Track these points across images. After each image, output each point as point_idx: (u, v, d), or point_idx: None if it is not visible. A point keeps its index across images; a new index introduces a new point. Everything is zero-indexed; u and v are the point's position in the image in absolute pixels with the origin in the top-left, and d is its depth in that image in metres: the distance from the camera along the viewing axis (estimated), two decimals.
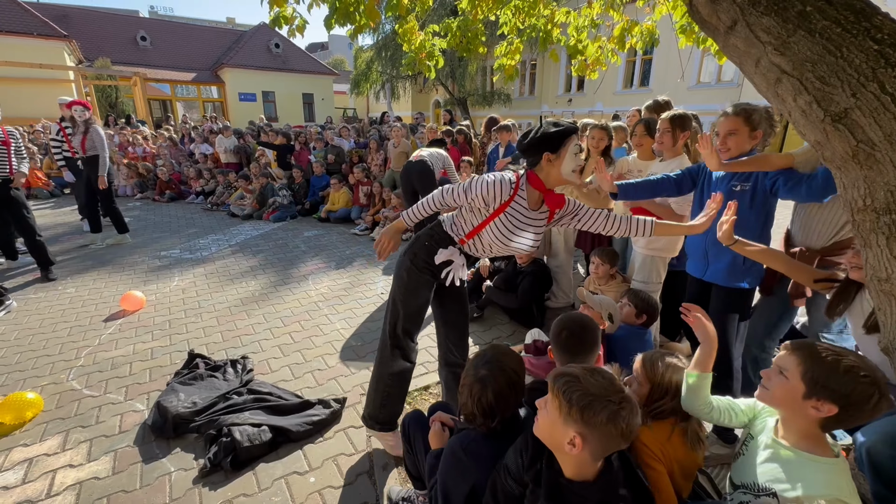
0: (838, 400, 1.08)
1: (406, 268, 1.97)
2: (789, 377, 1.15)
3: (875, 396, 1.05)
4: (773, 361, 1.23)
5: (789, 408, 1.18)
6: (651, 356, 1.57)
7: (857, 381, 1.06)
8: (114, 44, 22.19)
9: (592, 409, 1.02)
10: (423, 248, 1.95)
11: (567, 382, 1.07)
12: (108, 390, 2.62)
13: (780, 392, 1.18)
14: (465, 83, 19.85)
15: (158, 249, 5.44)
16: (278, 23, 2.67)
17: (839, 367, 1.08)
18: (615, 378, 1.12)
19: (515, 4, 3.53)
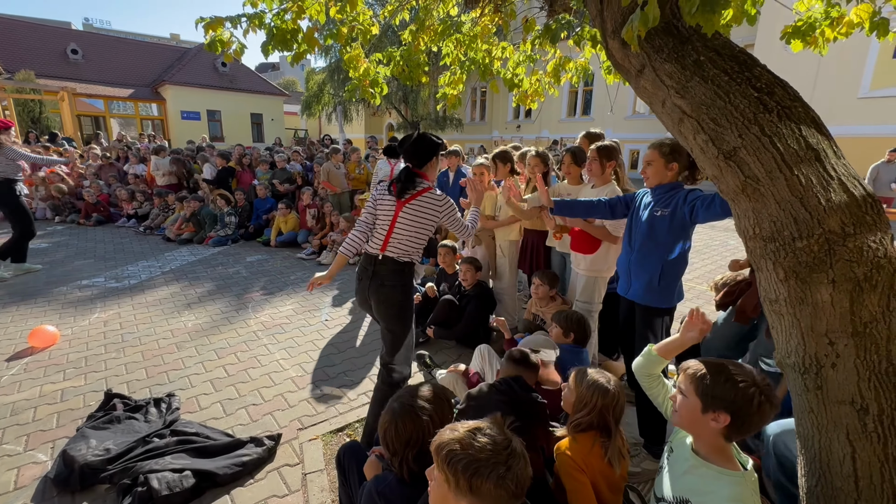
0: (728, 407, 1.17)
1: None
2: (688, 395, 1.25)
3: (757, 398, 1.15)
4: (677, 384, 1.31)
5: (695, 424, 1.25)
6: (583, 372, 1.67)
7: (737, 387, 1.16)
8: (40, 56, 20.66)
9: (480, 475, 1.01)
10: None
11: (450, 454, 1.05)
12: (5, 440, 2.32)
13: (684, 412, 1.26)
14: (417, 107, 20.22)
15: (80, 278, 4.99)
16: (215, 47, 2.61)
17: (722, 377, 1.19)
18: (497, 431, 1.11)
19: (457, 37, 3.68)
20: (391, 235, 2.15)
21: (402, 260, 2.17)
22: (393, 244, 2.15)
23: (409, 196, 2.14)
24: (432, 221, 2.18)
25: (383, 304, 2.17)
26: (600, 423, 1.58)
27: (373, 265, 2.18)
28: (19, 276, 5.03)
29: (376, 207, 2.24)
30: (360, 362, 3.23)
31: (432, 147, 2.21)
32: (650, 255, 2.16)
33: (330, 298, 4.51)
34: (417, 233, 2.15)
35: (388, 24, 3.76)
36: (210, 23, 2.61)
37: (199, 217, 6.93)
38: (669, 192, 2.13)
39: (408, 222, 2.14)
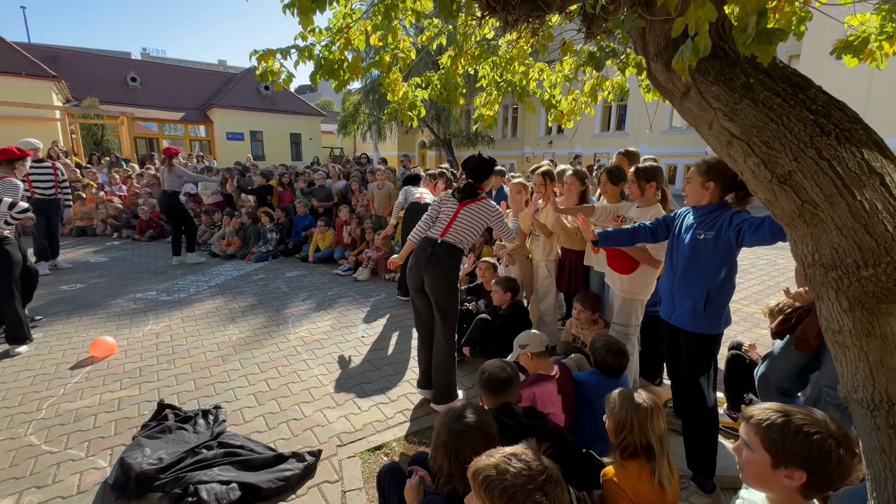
0: (803, 464, 1.02)
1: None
2: (754, 449, 1.09)
3: (835, 452, 1.00)
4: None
5: (766, 482, 1.10)
6: (615, 393, 1.63)
7: (811, 440, 1.01)
8: (104, 84, 22.47)
9: (516, 501, 1.03)
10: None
11: (486, 479, 1.07)
12: (69, 445, 2.48)
13: (751, 469, 1.11)
14: (449, 125, 20.53)
15: (134, 291, 5.31)
16: (266, 77, 2.78)
17: (791, 427, 1.04)
18: (533, 456, 1.12)
19: (493, 60, 3.76)
20: (451, 226, 2.79)
21: (457, 246, 2.78)
22: (451, 233, 2.78)
23: (469, 201, 2.81)
24: (484, 222, 2.83)
25: (437, 279, 2.72)
26: (643, 443, 1.53)
27: (432, 246, 2.77)
28: (77, 289, 5.41)
29: (440, 208, 2.90)
30: (395, 380, 3.26)
31: (490, 167, 2.95)
32: (694, 280, 2.09)
33: (365, 315, 4.60)
34: (471, 228, 2.81)
35: (425, 48, 3.90)
36: (263, 55, 2.78)
37: (245, 232, 7.27)
38: (713, 213, 2.07)
39: (465, 219, 2.80)
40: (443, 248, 2.74)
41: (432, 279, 2.72)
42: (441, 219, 2.84)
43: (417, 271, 2.79)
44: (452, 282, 2.78)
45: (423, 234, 2.86)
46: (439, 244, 2.75)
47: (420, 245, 2.85)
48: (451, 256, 2.75)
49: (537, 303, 3.59)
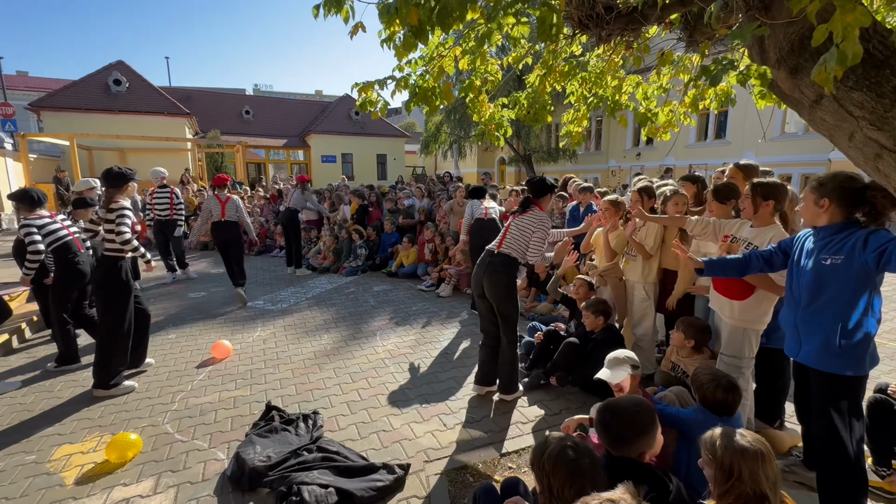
0: None
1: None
2: None
3: None
4: None
5: None
6: (714, 436, 1.45)
7: None
8: (224, 118, 25.94)
9: None
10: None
11: None
12: (196, 436, 2.83)
13: None
14: (530, 141, 20.38)
15: (246, 300, 5.95)
16: (365, 107, 3.02)
17: None
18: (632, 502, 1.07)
19: (582, 76, 3.68)
20: (505, 238, 3.11)
21: (512, 256, 3.07)
22: (506, 244, 3.09)
23: (520, 213, 3.13)
24: (530, 231, 3.07)
25: (494, 286, 3.04)
26: (756, 493, 1.34)
27: (490, 256, 3.11)
28: (202, 297, 6.20)
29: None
30: (481, 399, 3.24)
31: (547, 187, 3.21)
32: (823, 311, 1.81)
33: (448, 331, 4.67)
34: (522, 238, 3.08)
35: (511, 69, 3.94)
36: (363, 86, 3.01)
37: (339, 248, 7.84)
38: (839, 234, 1.79)
39: (516, 230, 3.10)
40: (499, 259, 3.07)
41: (490, 287, 3.06)
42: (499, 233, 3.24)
43: (478, 280, 3.15)
44: (510, 288, 3.08)
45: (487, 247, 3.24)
46: (496, 255, 3.09)
47: (481, 256, 3.20)
48: (507, 265, 3.06)
49: (632, 327, 3.38)
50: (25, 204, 3.75)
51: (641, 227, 3.24)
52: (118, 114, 18.40)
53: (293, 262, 7.64)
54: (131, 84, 19.62)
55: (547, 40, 1.89)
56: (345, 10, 2.53)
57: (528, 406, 3.12)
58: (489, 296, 3.09)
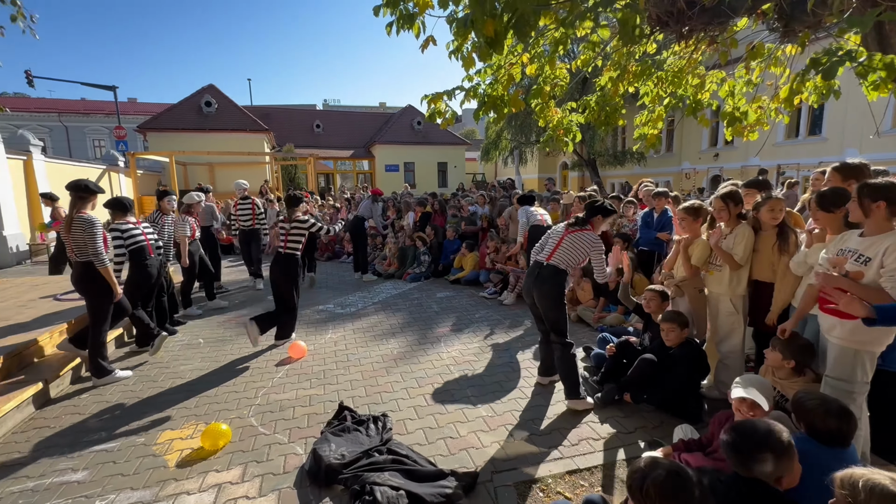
0: None
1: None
2: None
3: None
4: None
5: None
6: (850, 473, 1.26)
7: None
8: (297, 132, 27.83)
9: None
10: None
11: None
12: (277, 430, 3.02)
13: None
14: (594, 144, 19.67)
15: (317, 304, 6.31)
16: (433, 118, 3.09)
17: None
18: None
19: (658, 76, 3.50)
20: (556, 251, 3.19)
21: (560, 267, 3.17)
22: (556, 257, 3.18)
23: (575, 230, 3.20)
24: (584, 251, 3.16)
25: (543, 297, 3.19)
26: None
27: (539, 268, 3.23)
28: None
29: (550, 235, 3.34)
30: (547, 411, 3.16)
31: (603, 211, 3.24)
32: None
33: (512, 340, 4.61)
34: (573, 253, 3.18)
35: (581, 73, 3.82)
36: (432, 98, 3.09)
37: (403, 254, 8.06)
38: None
39: (568, 245, 3.18)
40: (547, 270, 3.17)
41: (540, 297, 3.21)
42: (549, 245, 3.29)
43: (528, 290, 3.31)
44: (558, 297, 3.19)
45: (534, 258, 3.36)
46: (545, 266, 3.19)
47: (530, 267, 3.36)
48: (555, 276, 3.16)
49: (717, 343, 3.12)
50: (118, 210, 4.27)
51: (728, 234, 2.98)
52: (208, 132, 20.41)
53: (360, 268, 7.98)
54: (219, 105, 21.69)
55: (630, 42, 1.82)
56: (416, 26, 2.62)
57: (601, 423, 2.98)
58: (539, 305, 3.25)
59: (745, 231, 2.93)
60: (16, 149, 10.61)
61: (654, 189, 5.53)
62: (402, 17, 2.59)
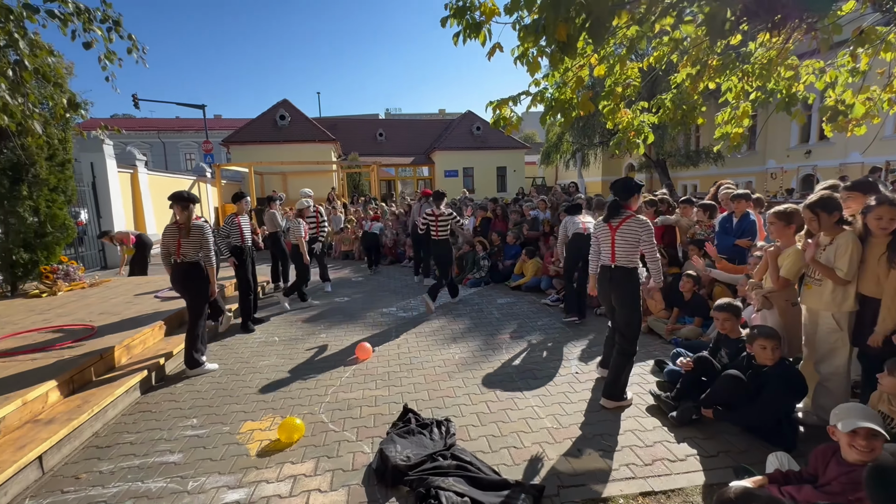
0: None
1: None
2: None
3: None
4: None
5: None
6: None
7: None
8: (361, 141, 29.07)
9: None
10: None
11: None
12: (345, 428, 3.15)
13: None
14: (663, 144, 18.55)
15: (381, 307, 6.52)
16: (498, 124, 3.09)
17: None
18: None
19: (744, 69, 3.23)
20: (615, 251, 3.16)
21: (629, 266, 3.14)
22: (618, 257, 3.15)
23: (619, 222, 3.13)
24: (637, 237, 3.08)
25: (621, 300, 3.19)
26: None
27: (609, 272, 3.23)
28: (345, 301, 6.96)
29: (598, 238, 3.33)
30: (616, 426, 3.01)
31: (634, 187, 3.21)
32: None
33: (578, 350, 4.45)
34: (632, 246, 3.12)
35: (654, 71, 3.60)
36: (497, 104, 3.09)
37: (463, 259, 8.11)
38: None
39: (622, 241, 3.12)
40: (619, 273, 3.16)
41: (617, 301, 3.22)
42: (604, 248, 3.27)
43: (605, 294, 3.35)
44: (635, 299, 3.20)
45: (598, 263, 3.37)
46: (613, 269, 3.19)
47: (600, 272, 3.35)
48: (628, 275, 3.15)
49: (816, 363, 2.79)
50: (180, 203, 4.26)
51: (828, 245, 2.66)
52: (282, 143, 21.95)
53: (420, 271, 8.16)
54: (292, 118, 23.26)
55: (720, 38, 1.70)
56: (482, 35, 2.64)
57: (677, 443, 2.79)
58: (617, 308, 3.26)
59: (848, 241, 2.59)
60: (125, 163, 12.10)
61: (733, 190, 5.10)
62: (469, 27, 2.62)
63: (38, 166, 6.16)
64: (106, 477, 2.69)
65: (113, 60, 3.51)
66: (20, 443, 2.77)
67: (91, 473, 2.73)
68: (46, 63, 3.33)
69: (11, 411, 2.94)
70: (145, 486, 2.59)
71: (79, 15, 3.22)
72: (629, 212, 3.14)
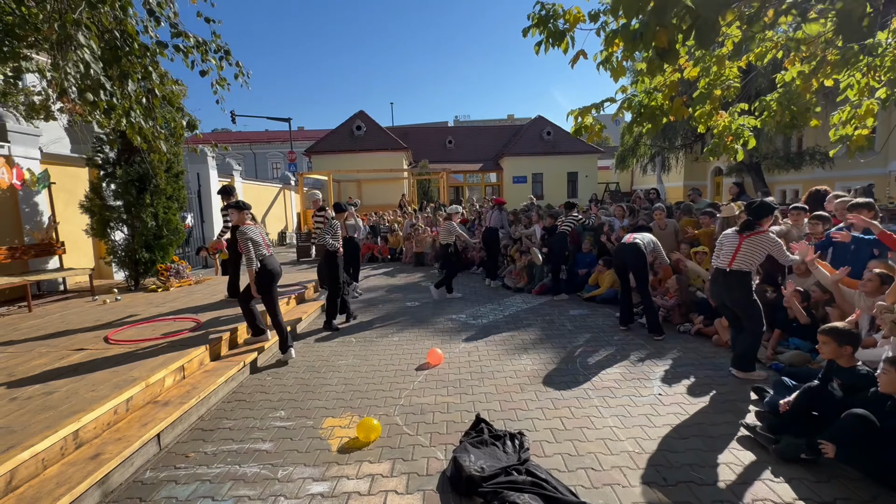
0: None
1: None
2: None
3: None
4: None
5: None
6: None
7: None
8: (431, 148, 29.78)
9: None
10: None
11: None
12: (419, 432, 3.22)
13: None
14: (760, 145, 16.81)
15: (451, 313, 6.59)
16: (580, 132, 3.00)
17: None
18: None
19: (869, 62, 2.83)
20: (736, 256, 3.65)
21: (744, 270, 3.64)
22: (737, 262, 3.65)
23: (749, 234, 3.64)
24: (763, 251, 3.62)
25: (734, 300, 3.71)
26: None
27: (723, 276, 3.74)
28: (416, 306, 7.13)
29: (723, 242, 3.82)
30: (709, 458, 2.76)
31: (767, 210, 3.68)
32: None
33: (661, 371, 4.16)
34: (753, 255, 3.63)
35: (755, 68, 3.29)
36: (579, 112, 3.00)
37: (532, 270, 7.96)
38: None
39: (746, 249, 3.63)
40: (732, 276, 3.66)
41: (731, 300, 3.74)
42: (724, 252, 3.76)
43: (717, 294, 3.88)
44: (748, 294, 3.65)
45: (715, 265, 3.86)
46: (728, 273, 3.68)
47: (714, 274, 3.86)
48: (742, 279, 3.64)
49: None
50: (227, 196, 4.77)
51: None
52: (358, 153, 23.17)
53: (490, 275, 8.67)
54: (367, 128, 24.46)
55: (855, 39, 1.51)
56: (565, 43, 2.59)
57: (781, 481, 2.50)
58: (732, 306, 3.75)
59: None
60: (224, 173, 13.50)
61: (849, 200, 4.47)
62: (552, 35, 2.59)
63: (158, 177, 7.07)
64: (210, 458, 2.99)
65: (224, 86, 3.96)
66: (143, 420, 3.18)
67: (198, 454, 3.05)
68: (172, 91, 3.85)
69: (137, 392, 3.38)
70: (242, 469, 2.84)
71: (198, 47, 3.67)
72: (762, 228, 3.63)
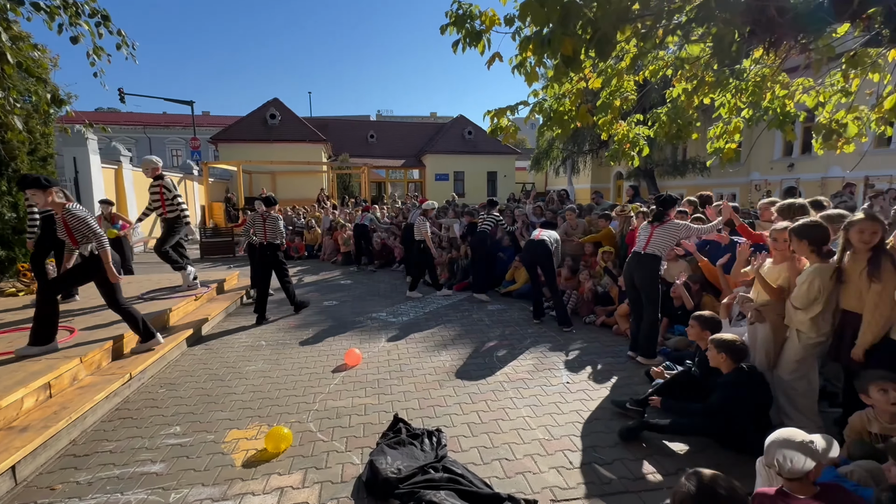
0: None
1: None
2: None
3: None
4: None
5: None
6: None
7: None
8: (352, 142, 28.91)
9: None
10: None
11: None
12: (334, 438, 3.09)
13: None
14: (652, 154, 18.83)
15: (371, 311, 6.45)
16: (496, 133, 3.08)
17: None
18: None
19: (736, 85, 3.28)
20: (650, 242, 4.13)
21: (655, 254, 4.12)
22: (650, 247, 4.11)
23: (659, 224, 4.12)
24: (673, 237, 4.11)
25: (642, 278, 4.16)
26: None
27: (637, 257, 4.20)
28: (334, 305, 6.87)
29: (640, 233, 4.32)
30: (608, 439, 3.00)
31: (672, 201, 4.15)
32: None
33: (567, 359, 4.45)
34: (664, 241, 4.12)
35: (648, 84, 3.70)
36: (495, 113, 3.07)
37: (454, 266, 8.08)
38: None
39: (658, 236, 4.11)
40: (645, 258, 4.14)
41: (640, 278, 4.18)
42: (641, 238, 4.25)
43: (629, 274, 4.30)
44: (654, 276, 4.14)
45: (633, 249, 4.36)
46: (643, 255, 4.16)
47: (630, 257, 4.34)
48: (652, 260, 4.13)
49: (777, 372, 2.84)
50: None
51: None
52: (272, 143, 21.71)
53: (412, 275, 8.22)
54: (282, 117, 23.03)
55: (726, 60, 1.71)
56: (482, 44, 2.63)
57: (665, 456, 2.80)
58: (638, 284, 4.19)
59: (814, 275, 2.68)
60: (109, 159, 11.81)
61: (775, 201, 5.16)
62: (469, 35, 2.61)
63: (19, 161, 5.96)
64: (83, 488, 2.59)
65: (101, 56, 3.42)
66: None
67: (67, 484, 2.62)
68: (30, 57, 3.22)
69: None
70: (125, 497, 2.50)
71: (66, 8, 3.13)
72: (668, 218, 4.10)
